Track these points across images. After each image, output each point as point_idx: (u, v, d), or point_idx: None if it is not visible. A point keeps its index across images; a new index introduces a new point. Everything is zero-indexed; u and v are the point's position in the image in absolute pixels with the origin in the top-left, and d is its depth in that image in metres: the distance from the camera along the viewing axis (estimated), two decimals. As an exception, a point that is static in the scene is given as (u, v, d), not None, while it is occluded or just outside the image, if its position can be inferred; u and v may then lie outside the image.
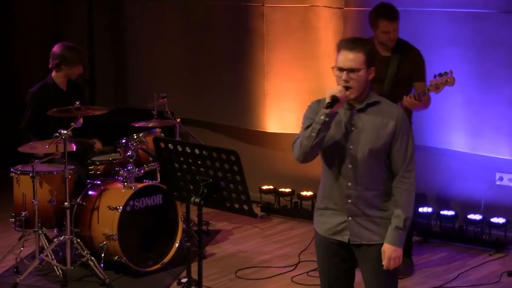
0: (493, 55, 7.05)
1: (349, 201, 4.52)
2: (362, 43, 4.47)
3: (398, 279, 4.76)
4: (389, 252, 4.45)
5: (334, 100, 4.31)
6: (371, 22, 6.49)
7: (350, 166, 4.50)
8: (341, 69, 4.41)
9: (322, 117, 4.34)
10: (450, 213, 7.43)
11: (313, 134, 4.38)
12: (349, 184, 4.51)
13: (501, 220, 7.23)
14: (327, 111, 4.30)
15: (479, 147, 7.25)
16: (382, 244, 4.49)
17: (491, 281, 6.60)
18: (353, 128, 4.48)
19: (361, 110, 4.48)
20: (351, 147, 4.48)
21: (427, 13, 7.22)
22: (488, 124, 7.17)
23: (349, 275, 4.66)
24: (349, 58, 4.41)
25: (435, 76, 6.33)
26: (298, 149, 4.49)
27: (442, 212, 7.42)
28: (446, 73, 6.31)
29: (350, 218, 4.53)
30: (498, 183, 7.34)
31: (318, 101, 4.57)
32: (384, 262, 4.46)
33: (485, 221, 7.30)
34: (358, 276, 4.66)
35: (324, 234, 4.65)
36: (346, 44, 4.45)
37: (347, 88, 4.39)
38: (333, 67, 4.47)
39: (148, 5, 8.93)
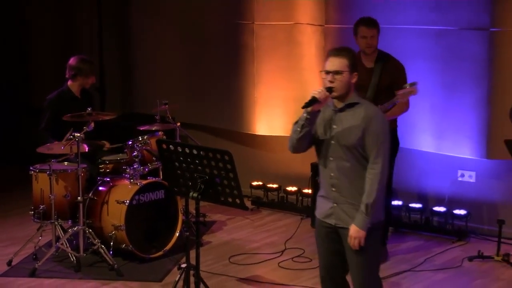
0: (455, 67, 7.05)
1: (333, 189, 4.59)
2: (347, 51, 4.56)
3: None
4: (351, 231, 4.50)
5: (312, 100, 4.40)
6: (354, 32, 6.50)
7: (331, 159, 4.56)
8: (327, 72, 4.49)
9: (304, 115, 4.45)
10: (418, 205, 7.46)
11: (298, 129, 4.49)
12: (332, 174, 4.57)
13: (462, 212, 7.26)
14: (309, 109, 4.41)
15: (443, 148, 7.26)
16: (369, 229, 4.51)
17: (454, 265, 6.62)
18: (334, 126, 4.55)
19: (341, 110, 4.55)
20: (333, 142, 4.55)
21: (399, 30, 7.21)
22: (451, 127, 7.17)
23: (341, 254, 4.67)
24: (335, 62, 4.49)
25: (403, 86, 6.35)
26: (290, 142, 4.57)
27: (411, 205, 7.44)
28: (412, 84, 6.29)
29: (335, 205, 4.59)
30: (459, 179, 7.36)
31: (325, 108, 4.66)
32: (349, 241, 4.50)
33: (448, 213, 7.33)
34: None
35: (319, 217, 4.71)
36: (333, 51, 4.56)
37: (331, 89, 4.45)
38: (321, 71, 4.55)
39: (152, 21, 8.92)
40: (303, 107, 4.41)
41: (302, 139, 4.50)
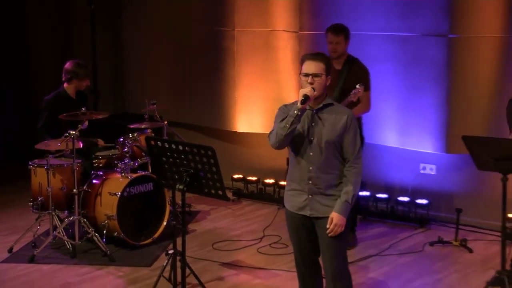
0: (418, 70, 7.08)
1: (310, 182, 4.59)
2: (322, 55, 4.60)
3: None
4: (336, 219, 4.51)
5: (306, 97, 4.42)
6: (325, 36, 6.52)
7: (311, 154, 4.57)
8: (306, 74, 4.51)
9: (295, 111, 4.45)
10: (384, 196, 7.49)
11: (287, 125, 4.47)
12: (311, 168, 4.58)
13: (424, 201, 7.30)
14: (300, 106, 4.41)
15: (406, 143, 7.28)
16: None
17: (416, 250, 6.66)
18: (313, 124, 4.56)
19: (320, 110, 4.57)
20: (312, 139, 4.55)
21: (368, 36, 7.22)
22: (414, 125, 7.20)
23: (312, 241, 4.68)
24: (313, 65, 4.52)
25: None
26: (274, 138, 4.56)
27: (377, 195, 7.46)
28: (361, 85, 6.30)
29: (310, 196, 4.60)
30: (421, 171, 7.39)
31: (286, 105, 4.68)
32: (330, 227, 4.51)
33: (411, 202, 7.35)
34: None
35: (291, 210, 4.70)
36: (310, 56, 4.58)
37: (313, 89, 4.48)
38: (300, 74, 4.56)
39: (142, 29, 8.90)
40: (300, 103, 4.41)
41: (289, 135, 4.51)
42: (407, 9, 7.03)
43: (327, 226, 4.51)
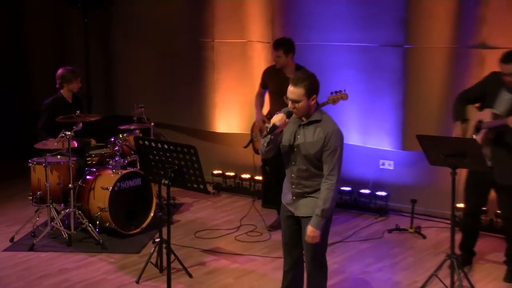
0: (377, 76, 7.10)
1: (293, 186, 4.59)
2: (303, 80, 4.42)
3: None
4: (309, 231, 4.49)
5: (274, 127, 4.39)
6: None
7: (294, 163, 4.55)
8: (289, 99, 4.45)
9: (268, 137, 4.44)
10: (348, 188, 7.51)
11: (265, 144, 4.48)
12: (293, 175, 4.57)
13: (383, 193, 7.34)
14: (268, 136, 4.41)
15: (367, 141, 7.31)
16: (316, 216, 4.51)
17: (376, 237, 6.70)
18: (298, 137, 4.52)
19: (305, 125, 4.51)
20: (295, 150, 4.52)
21: (333, 46, 7.24)
22: (374, 125, 7.22)
23: (298, 234, 4.68)
24: (293, 92, 4.42)
25: (331, 93, 6.36)
26: (260, 151, 4.60)
27: (341, 188, 7.46)
28: (340, 91, 6.35)
29: (294, 198, 4.62)
30: (381, 167, 7.42)
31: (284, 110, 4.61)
32: (306, 238, 4.51)
33: (372, 194, 7.39)
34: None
35: (283, 202, 4.73)
36: (292, 79, 4.46)
37: (291, 113, 4.44)
38: (285, 97, 4.49)
39: (131, 39, 8.85)
40: (266, 135, 4.40)
41: (269, 151, 4.52)
42: (368, 22, 7.05)
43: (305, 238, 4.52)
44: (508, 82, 5.36)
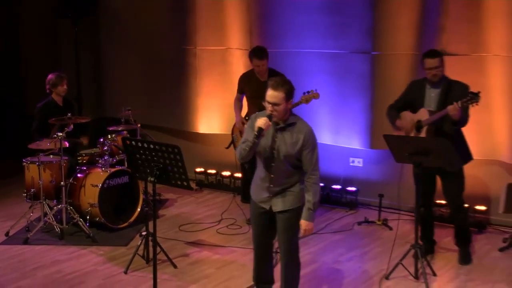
0: (347, 80, 7.12)
1: (271, 185, 4.58)
2: (283, 85, 4.43)
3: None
4: (304, 225, 4.54)
5: (260, 130, 4.38)
6: (249, 59, 6.54)
7: (273, 164, 4.54)
8: (268, 102, 4.43)
9: (252, 139, 4.41)
10: (320, 184, 7.37)
11: (246, 148, 4.45)
12: (272, 176, 4.56)
13: (353, 189, 7.36)
14: (255, 139, 4.39)
15: (338, 141, 7.32)
16: (292, 210, 4.54)
17: (347, 229, 6.72)
18: (276, 140, 4.51)
19: (282, 129, 4.51)
20: (274, 151, 4.52)
21: (306, 53, 7.23)
22: (344, 126, 7.23)
23: (270, 228, 4.70)
24: (273, 95, 4.41)
25: (304, 93, 6.40)
26: (239, 154, 4.54)
27: (315, 184, 7.50)
28: (312, 90, 6.38)
29: (270, 195, 4.59)
30: (351, 164, 7.43)
31: (256, 115, 4.60)
32: (301, 232, 4.54)
33: (343, 190, 7.40)
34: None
35: (256, 201, 4.70)
36: (272, 84, 4.45)
37: (271, 116, 4.42)
38: (264, 101, 4.47)
39: (118, 46, 8.81)
40: (254, 138, 4.38)
41: (249, 155, 4.50)
42: (338, 31, 7.06)
43: (300, 233, 4.56)
44: (434, 75, 5.55)
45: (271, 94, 4.41)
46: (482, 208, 6.58)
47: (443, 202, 6.47)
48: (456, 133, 5.53)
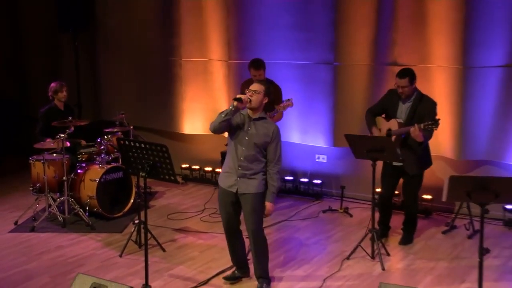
0: (314, 87, 7.15)
1: (239, 168, 4.64)
2: (264, 84, 4.68)
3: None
4: (269, 206, 4.66)
5: (239, 99, 4.51)
6: (248, 69, 6.48)
7: (243, 149, 4.62)
8: (249, 90, 4.61)
9: (230, 107, 4.52)
10: (290, 178, 7.53)
11: (222, 115, 4.53)
12: (242, 158, 4.63)
13: (318, 181, 7.36)
14: (235, 103, 4.50)
15: (306, 140, 7.36)
16: (259, 193, 4.62)
17: (313, 216, 6.74)
18: (249, 129, 4.62)
19: (256, 120, 4.64)
20: (246, 138, 4.61)
21: (279, 64, 7.23)
22: (311, 127, 7.27)
23: (238, 213, 4.75)
24: (255, 86, 4.63)
25: (281, 101, 6.44)
26: (212, 124, 4.60)
27: (286, 178, 7.50)
28: (288, 99, 6.40)
29: (238, 178, 4.65)
30: (317, 160, 7.45)
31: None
32: (266, 212, 4.65)
33: (310, 182, 7.41)
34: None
35: (223, 187, 4.75)
36: (256, 81, 4.76)
37: (250, 100, 4.58)
38: (246, 90, 4.64)
39: (112, 57, 8.75)
40: (234, 99, 4.51)
41: (222, 124, 4.56)
42: (305, 45, 7.10)
43: (266, 211, 4.66)
44: (401, 93, 5.53)
45: (254, 85, 4.64)
46: (429, 197, 6.67)
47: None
48: (419, 145, 5.49)
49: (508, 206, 6.31)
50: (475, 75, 6.23)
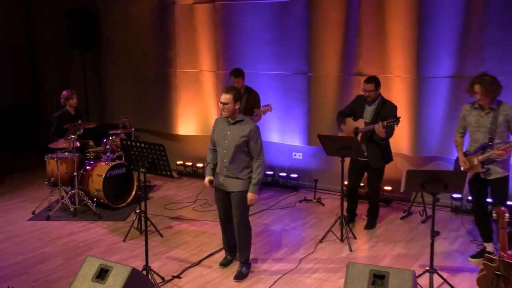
0: (291, 94, 7.16)
1: (225, 169, 4.60)
2: (231, 89, 4.52)
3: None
4: (250, 196, 4.59)
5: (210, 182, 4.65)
6: (230, 76, 6.46)
7: (225, 151, 4.58)
8: (220, 102, 4.52)
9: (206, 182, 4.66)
10: (271, 172, 7.53)
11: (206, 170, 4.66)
12: (225, 160, 4.59)
13: (295, 175, 7.36)
14: (207, 184, 4.67)
15: (284, 139, 7.36)
16: (243, 191, 4.56)
17: (291, 206, 6.75)
18: (228, 132, 4.57)
19: (233, 123, 4.58)
20: (226, 142, 4.56)
21: (259, 74, 7.26)
22: (289, 128, 7.27)
23: (227, 205, 4.73)
24: (224, 97, 4.49)
25: (261, 106, 6.48)
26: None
27: (267, 172, 7.50)
28: (267, 105, 6.41)
29: (225, 178, 4.63)
30: (294, 157, 7.45)
31: (217, 118, 4.68)
32: (248, 201, 4.57)
33: (287, 176, 7.40)
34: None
35: (216, 186, 4.74)
36: (224, 90, 4.54)
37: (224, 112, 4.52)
38: (219, 102, 4.55)
39: (116, 68, 8.70)
40: (206, 182, 4.66)
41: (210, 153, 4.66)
42: (283, 57, 7.11)
43: (248, 200, 4.59)
44: (367, 96, 5.59)
45: (223, 96, 4.52)
46: (389, 188, 6.74)
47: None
48: (382, 140, 5.56)
49: (455, 195, 6.41)
50: (427, 84, 6.33)
